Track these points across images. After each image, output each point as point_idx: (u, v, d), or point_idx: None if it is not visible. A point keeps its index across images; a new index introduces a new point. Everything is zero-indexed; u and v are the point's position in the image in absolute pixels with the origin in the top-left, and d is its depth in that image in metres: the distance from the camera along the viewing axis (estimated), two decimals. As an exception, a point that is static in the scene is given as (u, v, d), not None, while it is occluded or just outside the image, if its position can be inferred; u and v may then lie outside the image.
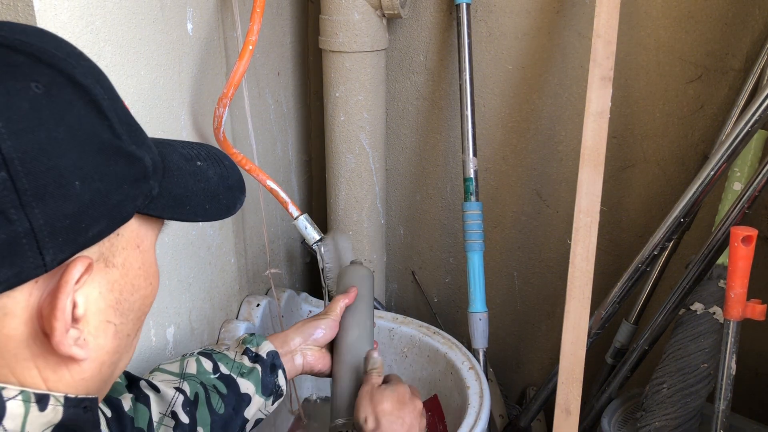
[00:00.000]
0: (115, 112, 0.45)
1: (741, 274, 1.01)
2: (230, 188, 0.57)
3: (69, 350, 0.43)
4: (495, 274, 1.60)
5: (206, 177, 0.54)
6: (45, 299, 0.42)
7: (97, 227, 0.43)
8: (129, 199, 0.46)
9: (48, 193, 0.40)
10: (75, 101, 0.43)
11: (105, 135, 0.44)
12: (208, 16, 1.05)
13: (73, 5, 0.73)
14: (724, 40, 1.25)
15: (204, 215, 0.54)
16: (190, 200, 0.52)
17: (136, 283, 0.49)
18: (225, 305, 1.21)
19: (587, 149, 1.10)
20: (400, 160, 1.59)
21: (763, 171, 1.10)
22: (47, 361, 0.44)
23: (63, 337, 0.42)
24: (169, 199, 0.50)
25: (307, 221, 1.17)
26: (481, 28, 1.40)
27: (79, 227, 0.42)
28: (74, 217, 0.41)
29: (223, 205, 0.56)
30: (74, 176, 0.41)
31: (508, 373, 1.70)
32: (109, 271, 0.46)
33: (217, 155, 0.57)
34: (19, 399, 0.42)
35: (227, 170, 0.57)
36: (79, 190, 0.41)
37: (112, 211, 0.44)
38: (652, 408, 1.22)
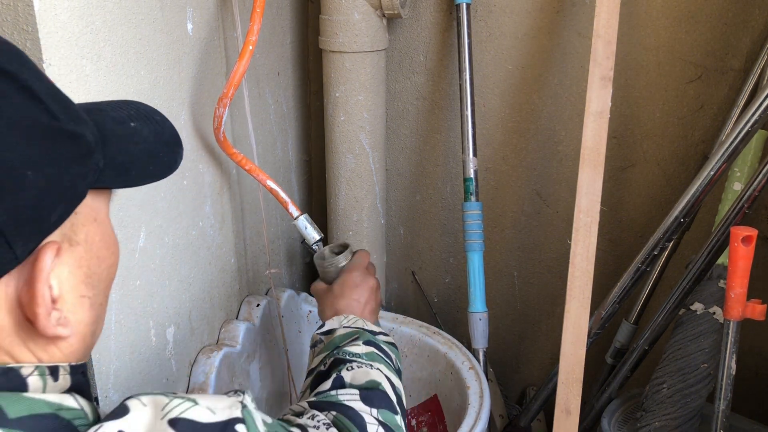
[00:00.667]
0: (47, 93, 0.45)
1: (741, 274, 1.01)
2: (167, 144, 0.57)
3: (54, 331, 0.46)
4: (495, 274, 1.60)
5: (143, 137, 0.54)
6: (22, 288, 0.44)
7: (57, 212, 0.45)
8: (80, 178, 0.46)
9: (4, 189, 0.41)
10: (7, 91, 0.42)
11: (44, 119, 0.44)
12: (208, 16, 1.05)
13: (73, 5, 0.73)
14: (724, 40, 1.25)
15: (150, 176, 0.55)
16: (134, 165, 0.53)
17: (100, 254, 0.51)
18: (225, 305, 1.21)
19: (587, 149, 1.10)
20: (400, 160, 1.59)
21: (763, 171, 1.10)
22: (37, 343, 0.46)
23: (47, 321, 0.45)
24: (113, 168, 0.50)
25: (307, 221, 1.17)
26: (481, 28, 1.40)
27: (41, 215, 0.43)
28: (34, 207, 0.42)
29: (165, 163, 0.56)
30: (25, 167, 0.42)
31: (508, 373, 1.70)
32: (74, 250, 0.48)
33: (146, 111, 0.57)
34: (36, 374, 0.46)
35: (160, 126, 0.57)
36: (33, 179, 0.42)
37: (67, 193, 0.45)
38: (652, 408, 1.22)
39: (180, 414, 0.46)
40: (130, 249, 0.90)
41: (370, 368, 0.77)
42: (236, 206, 1.22)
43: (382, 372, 0.77)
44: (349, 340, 0.84)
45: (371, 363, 0.79)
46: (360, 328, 0.88)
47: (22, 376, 0.45)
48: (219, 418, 0.48)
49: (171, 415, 0.46)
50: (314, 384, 0.78)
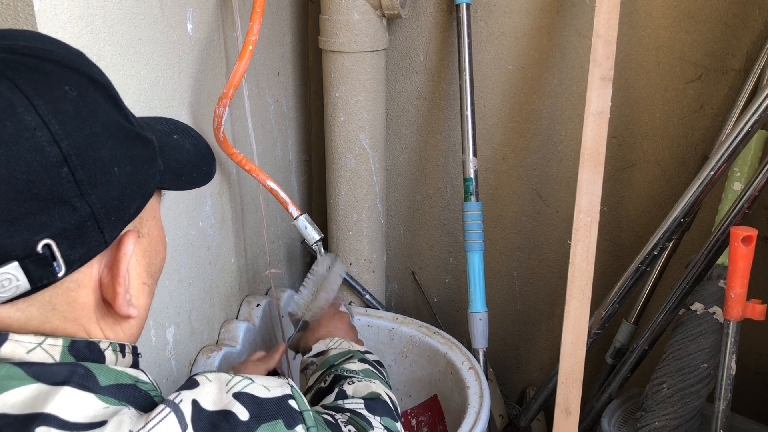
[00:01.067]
0: (123, 103, 0.52)
1: (741, 274, 1.01)
2: (204, 155, 0.64)
3: (127, 310, 0.52)
4: (495, 274, 1.60)
5: (185, 148, 0.61)
6: (104, 270, 0.51)
7: (135, 204, 0.51)
8: (150, 177, 0.53)
9: (98, 181, 0.47)
10: (100, 98, 0.49)
11: (125, 124, 0.50)
12: (208, 16, 1.05)
13: (73, 5, 0.73)
14: (724, 40, 1.25)
15: (194, 182, 0.62)
16: (183, 171, 0.60)
17: (157, 248, 0.57)
18: (225, 305, 1.21)
19: (587, 149, 1.10)
20: (400, 160, 1.59)
21: (763, 171, 1.10)
22: (107, 322, 0.53)
23: (123, 300, 0.51)
24: (170, 172, 0.57)
25: (307, 221, 1.17)
26: (481, 28, 1.40)
27: (123, 206, 0.49)
28: (119, 198, 0.49)
29: (204, 172, 0.63)
30: (113, 163, 0.48)
31: (508, 373, 1.70)
32: (141, 241, 0.54)
33: (183, 127, 0.64)
34: (110, 349, 0.52)
35: (196, 139, 0.64)
36: (118, 174, 0.49)
37: (142, 188, 0.52)
38: (652, 408, 1.22)
39: (242, 389, 0.52)
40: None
41: (369, 382, 0.82)
42: (236, 206, 1.22)
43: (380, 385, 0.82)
44: (343, 359, 0.89)
45: (369, 378, 0.83)
46: (349, 349, 0.93)
47: (101, 349, 0.51)
48: (274, 394, 0.54)
49: (234, 389, 0.52)
50: (316, 399, 0.82)
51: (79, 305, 0.50)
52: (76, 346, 0.49)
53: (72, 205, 0.46)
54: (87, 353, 0.50)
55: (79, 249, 0.47)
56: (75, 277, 0.49)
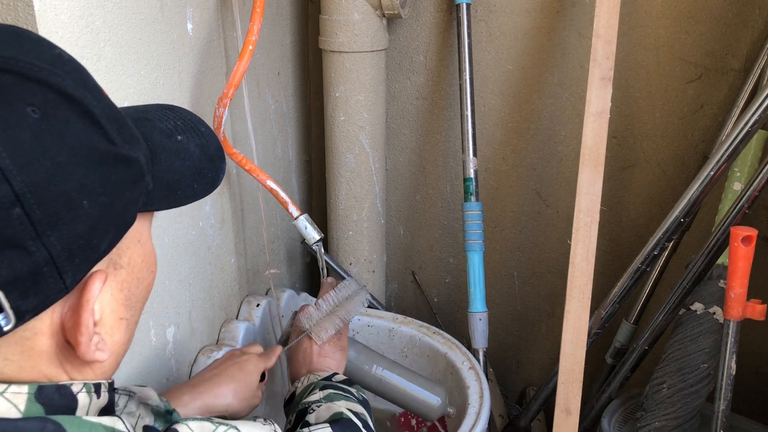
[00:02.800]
0: (105, 115, 0.44)
1: (741, 274, 1.01)
2: (212, 159, 0.56)
3: (93, 356, 0.46)
4: (495, 274, 1.60)
5: (189, 152, 0.54)
6: (66, 314, 0.44)
7: (107, 240, 0.44)
8: (131, 203, 0.47)
9: (60, 219, 0.40)
10: (70, 117, 0.42)
11: (102, 145, 0.43)
12: (208, 16, 1.05)
13: (73, 5, 0.73)
14: (724, 40, 1.25)
15: (193, 195, 0.54)
16: (180, 183, 0.52)
17: (141, 276, 0.51)
18: (225, 305, 1.21)
19: (587, 149, 1.10)
20: (400, 160, 1.59)
21: (763, 171, 1.10)
22: (73, 364, 0.47)
23: (87, 348, 0.45)
24: (162, 189, 0.50)
25: (307, 221, 1.17)
26: (481, 28, 1.40)
27: (92, 244, 0.43)
28: (86, 236, 0.42)
29: (209, 180, 0.56)
30: (81, 196, 0.41)
31: (508, 373, 1.70)
32: (117, 273, 0.48)
33: (193, 122, 0.56)
34: (84, 391, 0.47)
35: (206, 139, 0.56)
36: (88, 208, 0.42)
37: (118, 220, 0.45)
38: (652, 408, 1.22)
39: None
40: (130, 249, 0.90)
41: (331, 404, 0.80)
42: (236, 206, 1.22)
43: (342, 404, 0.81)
44: (306, 394, 0.87)
45: (331, 401, 0.81)
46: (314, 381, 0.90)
47: (73, 393, 0.46)
48: None
49: None
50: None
51: (35, 353, 0.44)
52: (44, 392, 0.44)
53: (25, 250, 0.39)
54: (57, 399, 0.45)
55: (33, 298, 0.41)
56: (31, 325, 0.43)
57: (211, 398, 0.86)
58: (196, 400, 0.84)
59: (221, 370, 0.91)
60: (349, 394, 0.86)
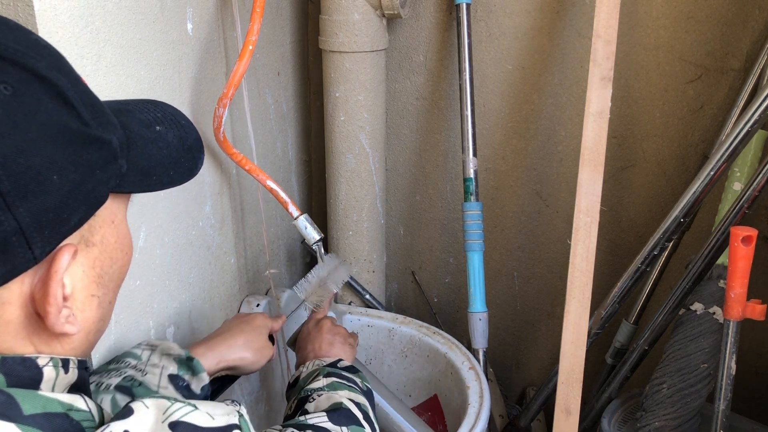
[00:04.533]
0: (79, 98, 0.46)
1: (741, 274, 1.01)
2: (190, 149, 0.58)
3: (62, 328, 0.47)
4: (495, 274, 1.60)
5: (167, 142, 0.56)
6: (36, 285, 0.46)
7: (77, 215, 0.46)
8: (102, 183, 0.48)
9: (30, 192, 0.42)
10: (42, 97, 0.44)
11: (74, 125, 0.45)
12: (208, 16, 1.05)
13: (73, 5, 0.73)
14: (724, 40, 1.25)
15: (169, 182, 0.56)
16: (155, 170, 0.54)
17: (114, 255, 0.52)
18: (225, 305, 1.21)
19: (587, 149, 1.10)
20: (400, 160, 1.59)
21: (763, 171, 1.10)
22: (41, 337, 0.48)
23: (56, 318, 0.46)
24: (136, 173, 0.52)
25: (307, 221, 1.17)
26: (481, 28, 1.40)
27: (62, 218, 0.45)
28: (56, 210, 0.44)
29: (186, 169, 0.58)
30: (51, 171, 0.43)
31: (508, 373, 1.70)
32: (89, 250, 0.49)
33: (173, 115, 0.59)
34: (50, 365, 0.47)
35: (185, 131, 0.58)
36: (58, 184, 0.43)
37: (88, 197, 0.47)
38: (652, 408, 1.22)
39: (180, 417, 0.48)
40: (130, 249, 0.90)
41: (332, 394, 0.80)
42: (236, 206, 1.22)
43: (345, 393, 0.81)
44: (310, 380, 0.88)
45: (333, 390, 0.82)
46: (319, 366, 0.92)
47: (39, 365, 0.46)
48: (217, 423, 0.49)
49: (172, 418, 0.47)
50: None
51: (2, 323, 0.45)
52: (7, 363, 0.45)
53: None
54: (20, 371, 0.45)
55: (1, 267, 0.42)
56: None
57: (225, 349, 0.91)
58: (212, 351, 0.89)
59: (232, 325, 0.97)
60: (352, 383, 0.86)
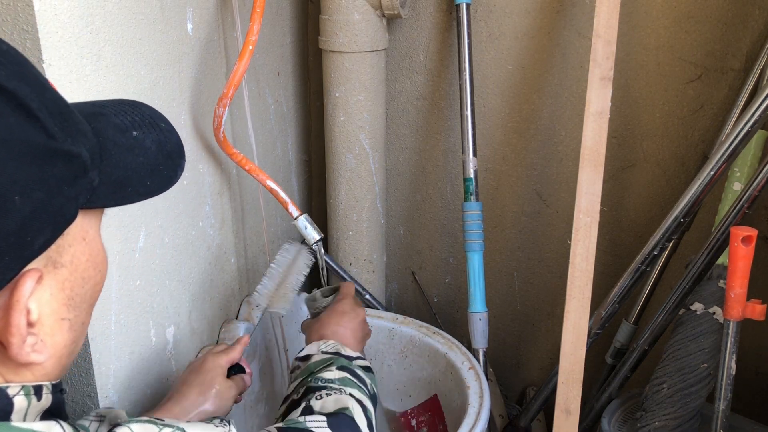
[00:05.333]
0: (45, 108, 0.42)
1: (741, 274, 1.01)
2: (169, 155, 0.53)
3: (28, 358, 0.44)
4: (495, 274, 1.60)
5: (144, 149, 0.51)
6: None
7: (42, 237, 0.42)
8: (71, 200, 0.44)
9: None
10: (4, 110, 0.40)
11: (38, 139, 0.41)
12: (208, 16, 1.05)
13: (73, 5, 0.73)
14: (724, 40, 1.25)
15: (146, 193, 0.52)
16: (131, 180, 0.50)
17: (86, 275, 0.48)
18: (225, 305, 1.21)
19: (587, 149, 1.10)
20: (400, 160, 1.59)
21: (763, 171, 1.10)
22: (8, 367, 0.45)
23: (20, 349, 0.43)
24: (109, 185, 0.48)
25: (307, 221, 1.17)
26: (481, 28, 1.40)
27: (24, 242, 0.40)
28: (18, 233, 0.40)
29: (165, 177, 0.53)
30: (12, 192, 0.39)
31: (508, 373, 1.70)
32: (58, 272, 0.45)
33: (151, 117, 0.54)
34: (21, 394, 0.45)
35: (164, 135, 0.53)
36: (19, 204, 0.39)
37: (55, 217, 0.43)
38: (652, 408, 1.22)
39: None
40: (130, 249, 0.90)
41: (340, 394, 0.77)
42: (236, 206, 1.22)
43: (353, 396, 0.77)
44: (323, 366, 0.83)
45: (342, 388, 0.78)
46: (336, 353, 0.87)
47: (9, 396, 0.44)
48: None
49: None
50: (287, 411, 0.78)
51: None
52: None
53: None
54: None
55: None
56: None
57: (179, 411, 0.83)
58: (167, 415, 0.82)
59: (182, 381, 0.89)
60: (363, 384, 0.82)
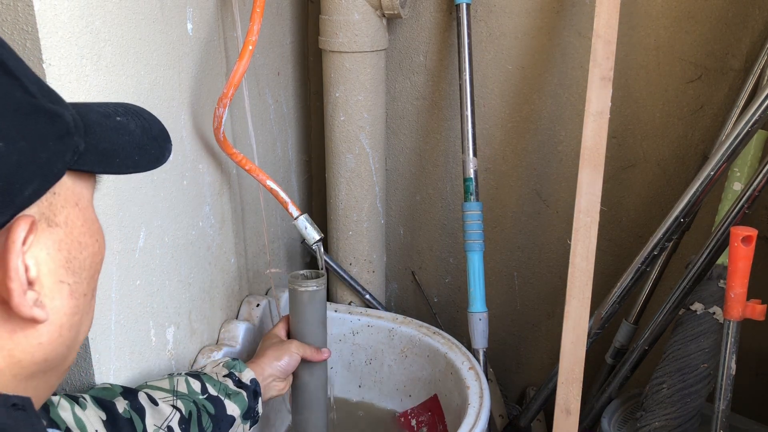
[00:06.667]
0: (24, 73, 0.45)
1: (741, 274, 1.01)
2: (155, 139, 0.57)
3: (30, 312, 0.44)
4: (495, 274, 1.60)
5: (128, 130, 0.54)
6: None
7: (31, 186, 0.44)
8: (57, 156, 0.46)
9: None
10: None
11: (18, 94, 0.44)
12: (208, 16, 1.05)
13: (73, 5, 0.73)
14: (724, 40, 1.25)
15: (135, 167, 0.55)
16: (118, 153, 0.52)
17: (82, 240, 0.49)
18: (225, 305, 1.21)
19: (587, 149, 1.10)
20: (400, 160, 1.59)
21: (763, 171, 1.10)
22: (4, 328, 0.44)
23: (22, 299, 0.43)
24: (96, 154, 0.50)
25: (307, 221, 1.17)
26: (481, 28, 1.40)
27: (13, 188, 0.42)
28: (6, 178, 0.42)
29: (153, 156, 0.57)
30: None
31: (508, 373, 1.70)
32: (53, 231, 0.46)
33: (135, 110, 0.58)
34: None
35: (148, 122, 0.57)
36: (4, 151, 0.42)
37: (42, 168, 0.44)
38: (652, 408, 1.22)
39: None
40: (130, 249, 0.90)
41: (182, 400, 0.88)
42: (236, 206, 1.22)
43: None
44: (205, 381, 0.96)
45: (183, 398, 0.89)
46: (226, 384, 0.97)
47: None
48: None
49: None
50: None
51: None
52: None
53: None
54: None
55: None
56: None
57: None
58: None
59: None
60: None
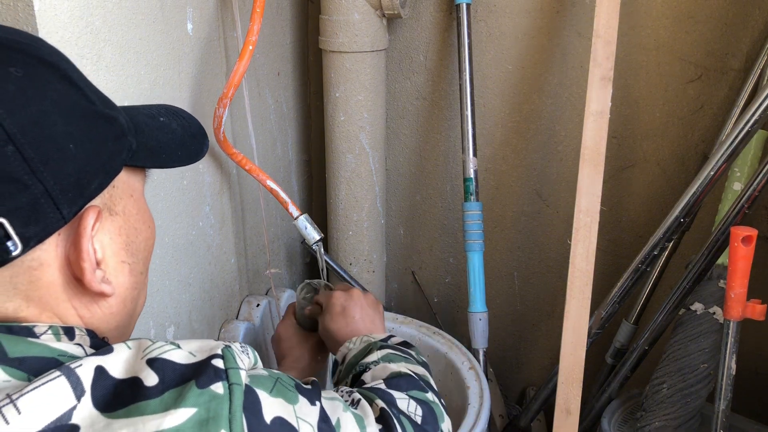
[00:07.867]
0: (84, 83, 0.52)
1: (741, 274, 1.01)
2: (194, 136, 0.65)
3: (99, 287, 0.51)
4: (495, 274, 1.60)
5: (171, 129, 0.62)
6: (69, 248, 0.50)
7: (96, 180, 0.51)
8: (116, 154, 0.53)
9: (51, 158, 0.47)
10: (50, 78, 0.49)
11: (82, 102, 0.51)
12: (208, 16, 1.05)
13: (73, 5, 0.73)
14: (724, 40, 1.25)
15: (179, 160, 0.62)
16: (164, 149, 0.60)
17: (137, 226, 0.57)
18: (225, 305, 1.21)
19: (587, 149, 1.10)
20: (400, 160, 1.59)
21: (763, 171, 1.10)
22: (81, 301, 0.52)
23: (92, 276, 0.51)
24: (146, 151, 0.57)
25: (307, 221, 1.17)
26: (481, 28, 1.40)
27: (83, 182, 0.49)
28: (77, 174, 0.49)
29: (192, 151, 0.64)
30: (67, 141, 0.48)
31: (508, 373, 1.70)
32: (114, 219, 0.54)
33: (174, 111, 0.65)
34: (49, 333, 0.49)
35: (187, 121, 0.65)
36: (74, 151, 0.48)
37: (105, 165, 0.52)
38: (652, 408, 1.22)
39: (159, 354, 0.49)
40: (130, 249, 0.90)
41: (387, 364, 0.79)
42: (236, 206, 1.22)
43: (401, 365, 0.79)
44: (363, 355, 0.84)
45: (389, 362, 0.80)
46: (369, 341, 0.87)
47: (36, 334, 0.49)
48: (199, 358, 0.50)
49: (150, 355, 0.49)
50: None
51: (43, 284, 0.49)
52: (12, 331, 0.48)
53: (22, 183, 0.45)
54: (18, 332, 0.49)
55: (35, 226, 0.47)
56: (35, 255, 0.48)
57: None
58: None
59: None
60: (408, 356, 0.84)
